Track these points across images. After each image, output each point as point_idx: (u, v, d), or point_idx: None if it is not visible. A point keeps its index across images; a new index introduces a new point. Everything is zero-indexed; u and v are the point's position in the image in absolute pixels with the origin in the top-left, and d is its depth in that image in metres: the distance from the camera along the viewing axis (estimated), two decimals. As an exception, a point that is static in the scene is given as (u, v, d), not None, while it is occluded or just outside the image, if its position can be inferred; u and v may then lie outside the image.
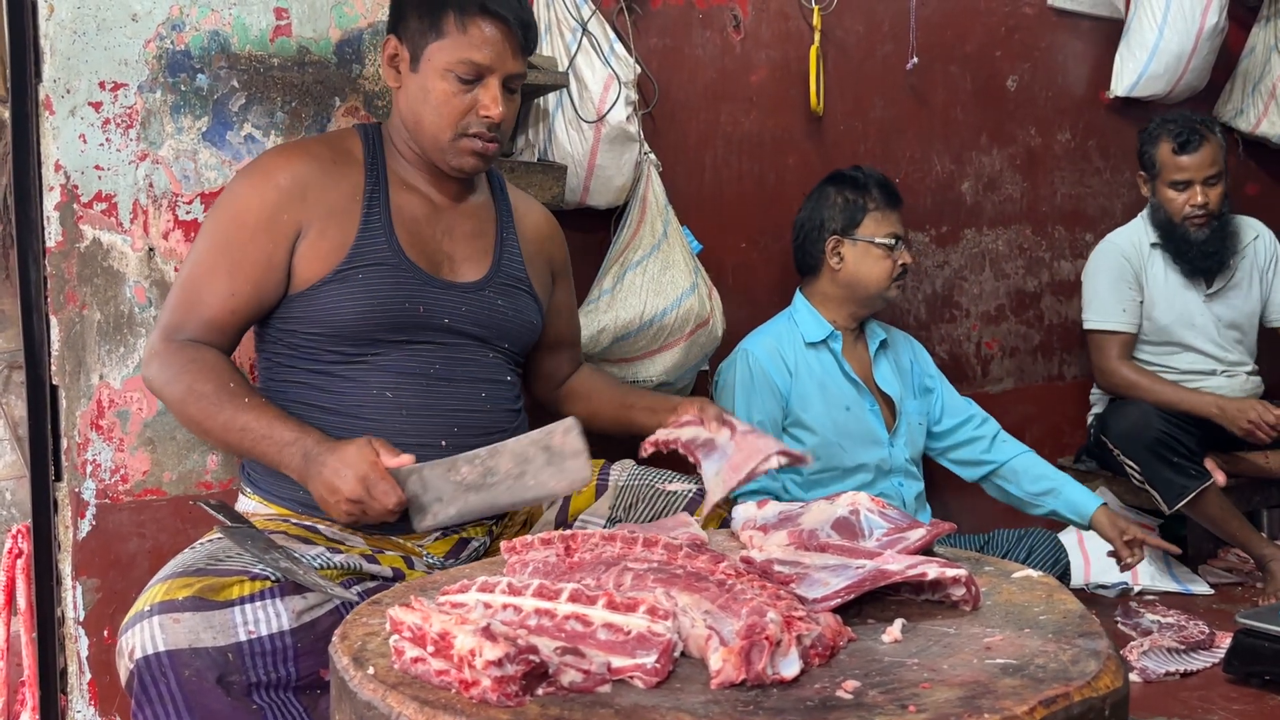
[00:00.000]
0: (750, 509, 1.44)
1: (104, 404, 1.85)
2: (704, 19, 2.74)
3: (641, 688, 0.96)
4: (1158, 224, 3.10)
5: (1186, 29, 3.27)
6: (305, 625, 1.45)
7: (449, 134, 1.67)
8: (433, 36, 1.65)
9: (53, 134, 1.80)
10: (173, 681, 1.35)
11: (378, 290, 1.64)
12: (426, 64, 1.66)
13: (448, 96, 1.65)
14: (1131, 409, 2.98)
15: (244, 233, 1.64)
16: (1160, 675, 2.38)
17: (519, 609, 1.04)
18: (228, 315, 1.64)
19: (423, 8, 1.66)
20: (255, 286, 1.64)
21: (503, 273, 1.78)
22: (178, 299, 1.66)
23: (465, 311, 1.70)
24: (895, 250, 2.51)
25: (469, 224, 1.78)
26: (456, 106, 1.66)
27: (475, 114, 1.66)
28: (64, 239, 1.82)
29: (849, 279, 2.53)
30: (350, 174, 1.70)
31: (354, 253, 1.65)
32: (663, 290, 2.39)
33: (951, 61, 3.16)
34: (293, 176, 1.66)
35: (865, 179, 2.55)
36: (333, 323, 1.64)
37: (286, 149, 1.75)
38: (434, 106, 1.66)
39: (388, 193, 1.71)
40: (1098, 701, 0.94)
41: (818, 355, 2.53)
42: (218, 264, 1.64)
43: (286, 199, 1.65)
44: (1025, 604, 1.17)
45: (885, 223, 2.52)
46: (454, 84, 1.65)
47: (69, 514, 1.83)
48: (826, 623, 1.04)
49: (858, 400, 2.54)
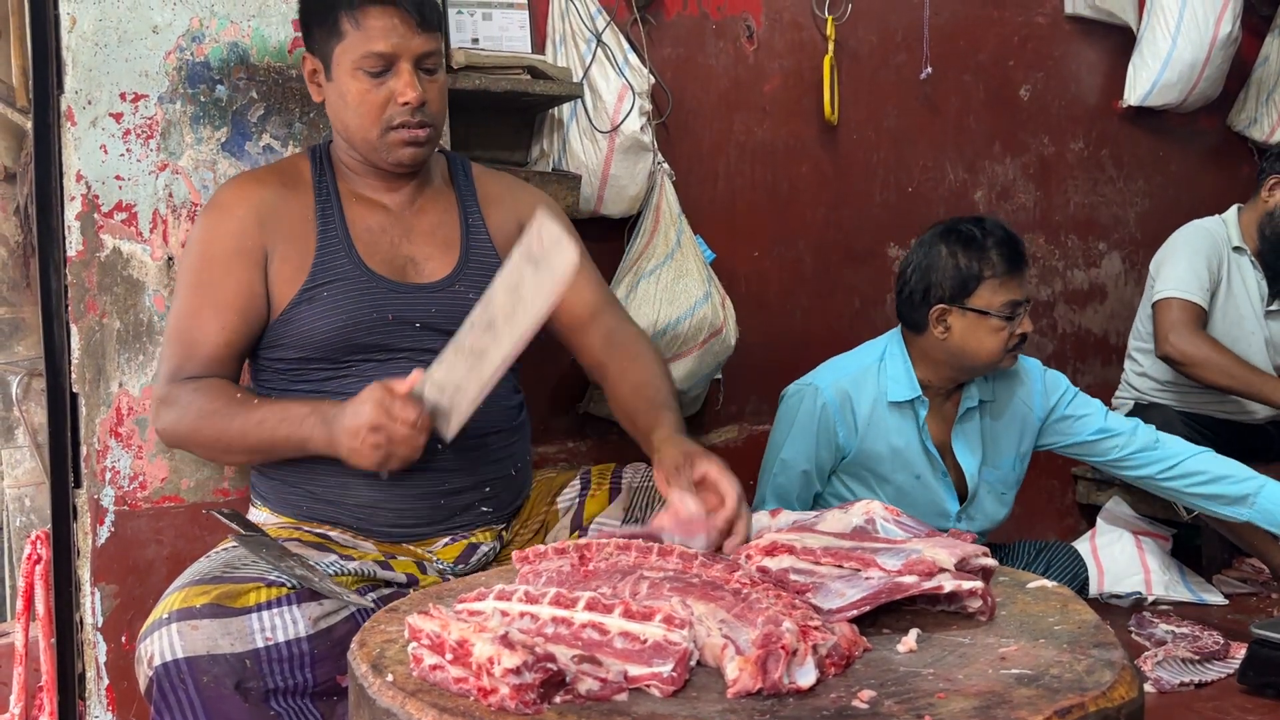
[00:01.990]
0: (763, 518, 1.44)
1: (123, 411, 1.86)
2: (718, 29, 2.75)
3: (658, 696, 0.97)
4: (1267, 230, 3.02)
5: (1200, 38, 3.27)
6: (322, 632, 1.46)
7: (375, 130, 1.66)
8: (335, 41, 1.65)
9: (74, 144, 1.82)
10: (191, 688, 1.36)
11: (344, 304, 1.65)
12: (337, 68, 1.66)
13: (363, 94, 1.65)
14: (1155, 414, 2.96)
15: (217, 268, 1.65)
16: (1175, 686, 2.38)
17: (536, 617, 1.04)
18: (224, 349, 1.65)
19: (319, 16, 1.67)
20: (242, 316, 1.65)
21: (472, 263, 1.75)
22: (172, 348, 1.66)
23: (436, 311, 1.69)
24: (1013, 321, 2.18)
25: (427, 221, 1.76)
26: (374, 101, 1.64)
27: (394, 104, 1.65)
28: (84, 248, 1.84)
29: (956, 349, 2.20)
30: (301, 196, 1.71)
31: (315, 271, 1.66)
32: (676, 299, 2.40)
33: (965, 71, 3.16)
34: (248, 205, 1.67)
35: (984, 238, 2.18)
36: (309, 343, 1.65)
37: (236, 182, 1.76)
38: (353, 107, 1.66)
39: (341, 207, 1.72)
40: (1113, 712, 0.94)
41: (900, 415, 2.26)
42: (202, 304, 1.65)
43: (247, 227, 1.66)
44: (1040, 614, 1.17)
45: (1004, 290, 2.16)
46: (365, 80, 1.64)
47: (88, 520, 1.85)
48: (842, 632, 1.04)
49: (929, 470, 2.29)
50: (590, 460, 2.55)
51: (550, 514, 1.82)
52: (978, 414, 2.33)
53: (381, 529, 1.67)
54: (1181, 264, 2.99)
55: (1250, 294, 3.08)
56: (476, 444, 1.69)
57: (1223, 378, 2.85)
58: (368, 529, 1.66)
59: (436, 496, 1.67)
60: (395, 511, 1.66)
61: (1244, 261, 3.08)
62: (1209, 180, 3.58)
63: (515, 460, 1.78)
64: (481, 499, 1.72)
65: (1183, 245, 3.04)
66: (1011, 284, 2.18)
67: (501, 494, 1.75)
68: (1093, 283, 3.47)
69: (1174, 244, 3.08)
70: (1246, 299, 3.07)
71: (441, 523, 1.69)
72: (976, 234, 2.19)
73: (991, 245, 2.18)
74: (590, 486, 1.83)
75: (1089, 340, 3.48)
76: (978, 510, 2.35)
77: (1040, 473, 3.38)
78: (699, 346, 2.43)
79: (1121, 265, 3.50)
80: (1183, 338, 2.88)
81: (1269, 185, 3.04)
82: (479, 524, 1.73)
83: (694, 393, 2.55)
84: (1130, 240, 3.51)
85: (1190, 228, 3.10)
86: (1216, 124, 3.64)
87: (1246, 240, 3.07)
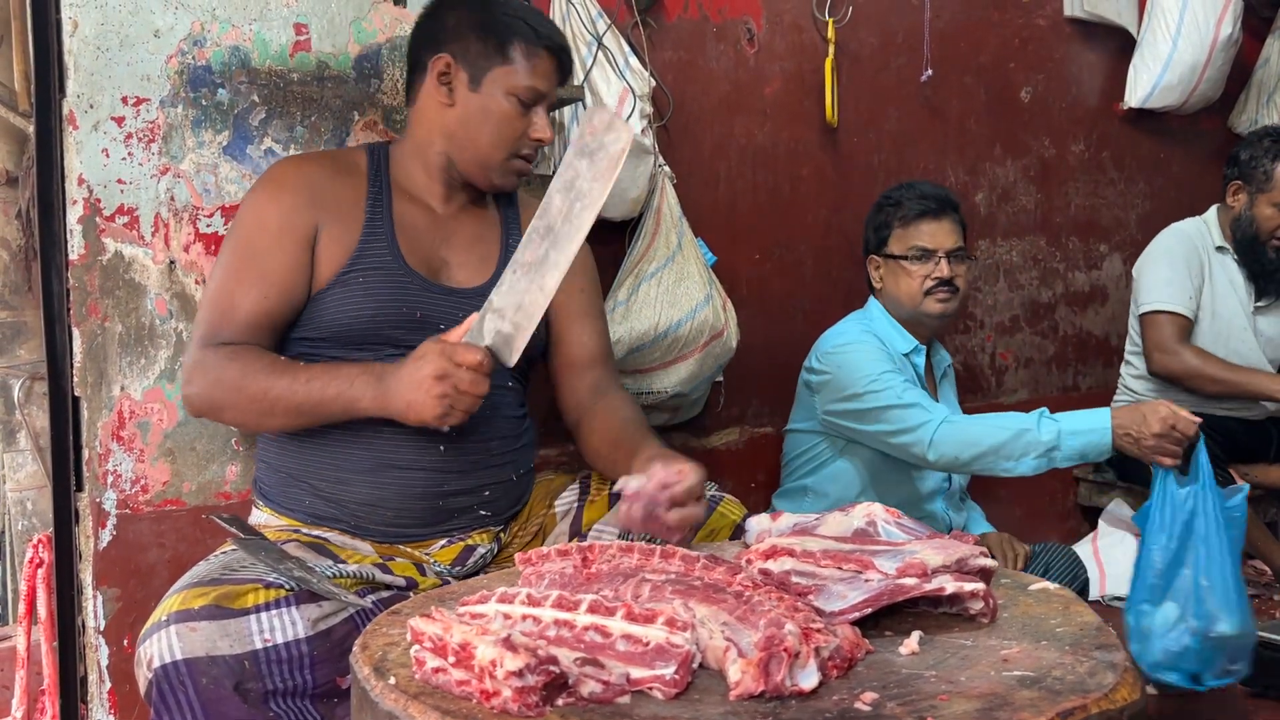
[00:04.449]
0: (764, 520, 1.44)
1: (125, 415, 1.87)
2: (718, 32, 2.75)
3: (660, 699, 0.97)
4: (1238, 233, 3.05)
5: (1200, 40, 3.27)
6: (321, 633, 1.46)
7: (503, 154, 1.74)
8: (498, 60, 1.72)
9: (76, 148, 1.82)
10: (191, 690, 1.37)
11: (377, 294, 1.67)
12: (490, 85, 1.72)
13: (510, 119, 1.73)
14: None
15: (267, 238, 1.67)
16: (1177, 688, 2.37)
17: (538, 620, 1.04)
18: (263, 316, 1.66)
19: (486, 32, 1.72)
20: (285, 290, 1.67)
21: None
22: (210, 311, 1.67)
23: (462, 317, 1.70)
24: (922, 264, 2.42)
25: (470, 231, 1.81)
26: (515, 129, 1.73)
27: (528, 137, 1.74)
28: (86, 252, 1.84)
29: (890, 298, 2.48)
30: (355, 182, 1.75)
31: (356, 257, 1.69)
32: (677, 302, 2.40)
33: (966, 73, 3.16)
34: (303, 180, 1.71)
35: (900, 193, 2.47)
36: (334, 327, 1.67)
37: (294, 158, 1.82)
38: (495, 127, 1.73)
39: (390, 201, 1.75)
40: (1115, 714, 0.94)
41: (907, 366, 2.45)
42: (246, 272, 1.66)
43: (301, 202, 1.69)
44: (1042, 616, 1.17)
45: (911, 235, 2.43)
46: (515, 107, 1.73)
47: (90, 524, 1.85)
48: (844, 635, 1.04)
49: None
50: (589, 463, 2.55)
51: (548, 518, 1.82)
52: (949, 380, 2.56)
53: (379, 528, 1.67)
54: (1162, 275, 3.04)
55: (1237, 292, 3.09)
56: (478, 447, 1.69)
57: (1212, 385, 2.92)
58: (366, 528, 1.67)
59: (435, 497, 1.68)
60: (394, 511, 1.67)
61: (1228, 261, 3.10)
62: (1210, 182, 3.57)
63: (517, 466, 1.78)
64: (480, 502, 1.72)
65: (1161, 255, 3.08)
66: (920, 229, 2.42)
67: (500, 499, 1.75)
68: (1094, 284, 3.47)
69: (1153, 253, 3.11)
70: (1234, 297, 3.08)
71: (439, 524, 1.69)
72: (896, 191, 2.47)
73: (906, 198, 2.44)
74: (589, 492, 1.83)
75: (1090, 342, 3.48)
76: None
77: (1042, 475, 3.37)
78: (700, 349, 2.43)
79: (1122, 267, 3.50)
80: (1168, 354, 2.97)
81: (1232, 190, 3.08)
82: (476, 526, 1.73)
83: (695, 395, 2.55)
84: (1131, 242, 3.51)
85: (1168, 234, 3.13)
86: (1217, 126, 3.64)
87: (1227, 239, 3.09)
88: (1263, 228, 3.01)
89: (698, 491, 1.45)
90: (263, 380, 1.59)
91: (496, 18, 1.73)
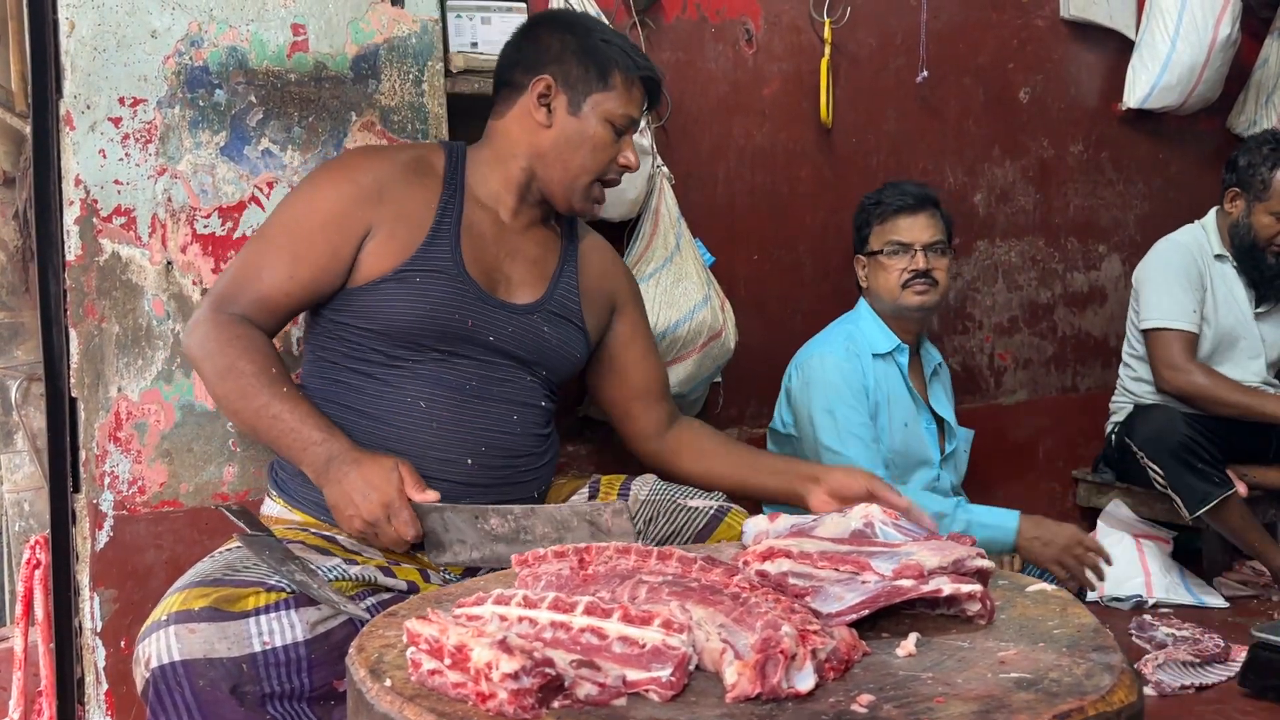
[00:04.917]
0: (761, 522, 1.44)
1: (122, 416, 1.86)
2: (716, 33, 2.75)
3: (657, 701, 0.97)
4: (1236, 240, 3.05)
5: (1199, 40, 3.27)
6: (319, 636, 1.46)
7: (591, 177, 1.78)
8: (599, 86, 1.76)
9: (73, 149, 1.82)
10: (188, 691, 1.37)
11: (433, 296, 1.68)
12: (590, 110, 1.76)
13: (605, 143, 1.77)
14: (1158, 413, 2.96)
15: (315, 220, 1.68)
16: (1175, 689, 2.37)
17: (534, 621, 1.04)
18: (282, 296, 1.67)
19: (587, 59, 1.76)
20: (314, 275, 1.68)
21: (555, 301, 1.81)
22: (236, 272, 1.69)
23: (511, 333, 1.73)
24: (898, 257, 2.48)
25: (532, 250, 1.82)
26: (607, 154, 1.78)
27: (616, 163, 1.79)
28: (83, 253, 1.84)
29: (873, 294, 2.55)
30: (428, 183, 1.76)
31: (418, 256, 1.69)
32: (676, 302, 2.40)
33: (964, 74, 3.16)
34: (374, 176, 1.72)
35: (881, 192, 2.54)
36: (384, 321, 1.67)
37: (372, 150, 1.85)
38: (590, 150, 1.76)
39: (462, 206, 1.76)
40: (1112, 715, 0.94)
41: (885, 367, 2.51)
42: (283, 246, 1.68)
43: (363, 196, 1.69)
44: (1039, 618, 1.17)
45: (888, 230, 2.50)
46: (610, 133, 1.77)
47: (87, 525, 1.85)
48: (841, 636, 1.04)
49: (915, 417, 2.52)
50: (589, 463, 2.55)
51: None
52: (940, 378, 2.61)
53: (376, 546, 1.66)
54: (1163, 291, 3.04)
55: (1238, 300, 3.09)
56: (505, 464, 1.70)
57: (1222, 408, 2.93)
58: None
59: None
60: None
61: (1226, 269, 3.09)
62: (1209, 183, 3.57)
63: (540, 484, 1.80)
64: None
65: (1160, 269, 3.08)
66: (897, 224, 2.47)
67: None
68: (1092, 285, 3.47)
69: (1152, 265, 3.11)
70: (1234, 305, 3.08)
71: None
72: (881, 191, 2.52)
73: (885, 196, 2.51)
74: (598, 496, 1.84)
75: (1089, 343, 3.48)
76: (957, 461, 2.58)
77: (1040, 475, 3.38)
78: (698, 350, 2.43)
79: (1121, 268, 3.49)
80: (1179, 372, 2.97)
81: (1229, 197, 3.08)
82: None
83: (693, 396, 2.55)
84: (1130, 243, 3.51)
85: (1166, 247, 3.13)
86: (1216, 126, 3.64)
87: (1226, 245, 3.08)
88: (1260, 235, 3.00)
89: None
90: (240, 386, 1.59)
91: (597, 44, 1.77)
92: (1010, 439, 3.31)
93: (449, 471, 1.65)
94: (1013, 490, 3.28)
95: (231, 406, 1.62)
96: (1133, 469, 3.05)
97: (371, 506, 1.50)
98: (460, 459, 1.66)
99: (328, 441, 1.56)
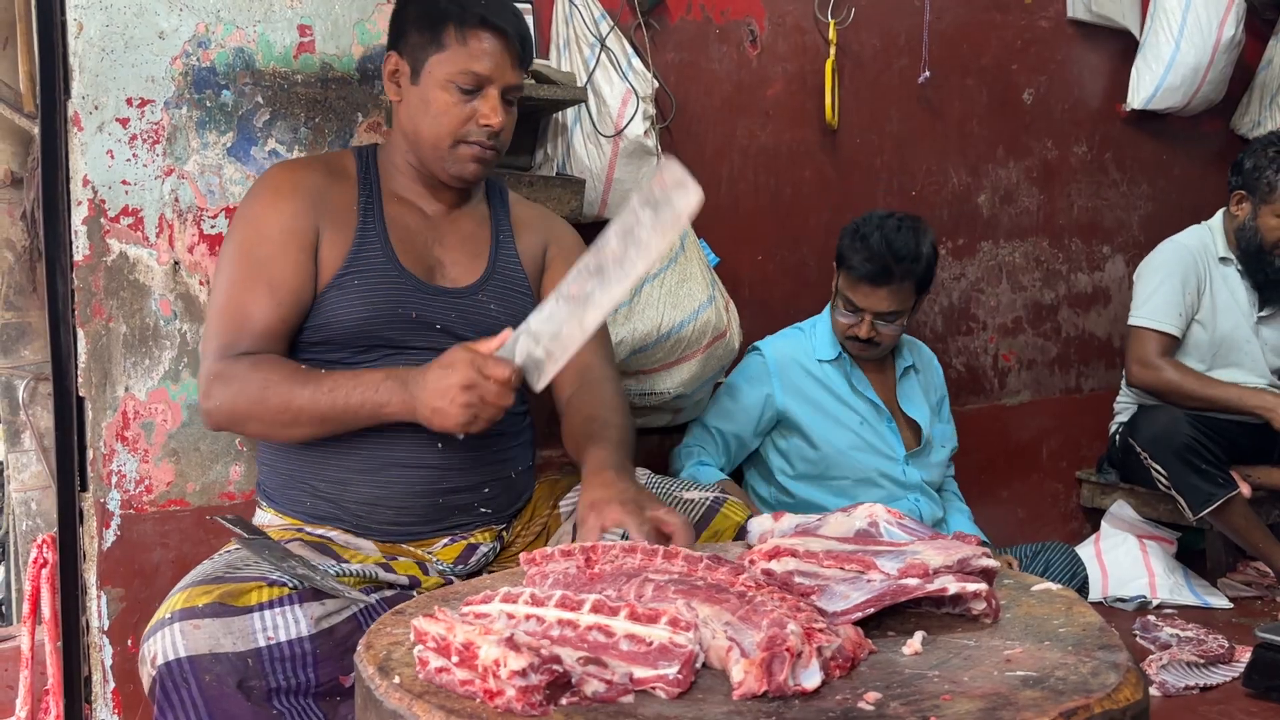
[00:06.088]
0: (766, 521, 1.44)
1: (129, 415, 1.87)
2: (721, 34, 2.76)
3: (664, 698, 0.97)
4: (1241, 243, 3.05)
5: (1203, 41, 3.27)
6: (324, 631, 1.46)
7: (448, 141, 1.70)
8: (433, 50, 1.68)
9: (81, 149, 1.83)
10: (194, 687, 1.37)
11: (373, 296, 1.67)
12: (428, 76, 1.69)
13: (448, 106, 1.68)
14: (1162, 414, 2.96)
15: (272, 246, 1.66)
16: (1179, 689, 2.37)
17: (542, 619, 1.04)
18: (278, 325, 1.66)
19: (422, 22, 1.69)
20: (294, 295, 1.66)
21: (497, 276, 1.79)
22: (222, 322, 1.64)
23: (456, 316, 1.72)
24: (849, 314, 2.48)
25: (461, 231, 1.80)
26: (457, 116, 1.68)
27: (475, 123, 1.69)
28: (91, 253, 1.84)
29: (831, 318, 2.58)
30: (345, 186, 1.74)
31: (351, 260, 1.68)
32: (680, 303, 2.40)
33: (968, 74, 3.17)
34: (302, 188, 1.70)
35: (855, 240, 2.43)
36: (332, 329, 1.67)
37: (286, 165, 1.79)
38: (434, 116, 1.69)
39: (381, 204, 1.74)
40: (1118, 714, 0.94)
41: (832, 370, 2.55)
42: (254, 281, 1.65)
43: (301, 207, 1.68)
44: (1045, 617, 1.17)
45: (847, 286, 2.46)
46: (455, 94, 1.68)
47: (94, 524, 1.85)
48: (847, 634, 1.04)
49: (875, 418, 2.54)
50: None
51: (552, 518, 1.83)
52: (916, 377, 2.61)
53: (381, 527, 1.67)
54: (1154, 290, 3.05)
55: (1240, 303, 3.08)
56: (477, 444, 1.69)
57: (1188, 401, 2.95)
58: (367, 528, 1.67)
59: (435, 495, 1.68)
60: (395, 509, 1.67)
61: (1230, 272, 3.09)
62: (1212, 184, 3.58)
63: (517, 463, 1.79)
64: (480, 500, 1.72)
65: (1160, 268, 3.08)
66: (857, 289, 2.43)
67: (500, 495, 1.75)
68: (1096, 286, 3.48)
69: (1153, 264, 3.12)
70: (1236, 309, 3.08)
71: (440, 522, 1.70)
72: (856, 237, 2.42)
73: (855, 251, 2.41)
74: None
75: (1092, 344, 3.48)
76: (932, 459, 2.59)
77: (1044, 475, 3.38)
78: (703, 350, 2.43)
79: (1125, 269, 3.50)
80: (1147, 369, 3.01)
81: (1235, 199, 3.07)
82: (478, 524, 1.73)
83: (697, 397, 2.55)
84: (1134, 244, 3.51)
85: (1169, 247, 3.12)
86: (1220, 127, 3.64)
87: (1232, 248, 3.08)
88: (1267, 238, 3.00)
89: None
90: (285, 390, 1.57)
91: (433, 7, 1.68)
92: (1014, 440, 3.32)
93: (422, 457, 1.65)
94: (1016, 490, 3.29)
95: (288, 413, 1.58)
96: (1136, 469, 3.05)
97: (461, 372, 1.48)
98: (430, 443, 1.65)
99: (390, 373, 1.56)
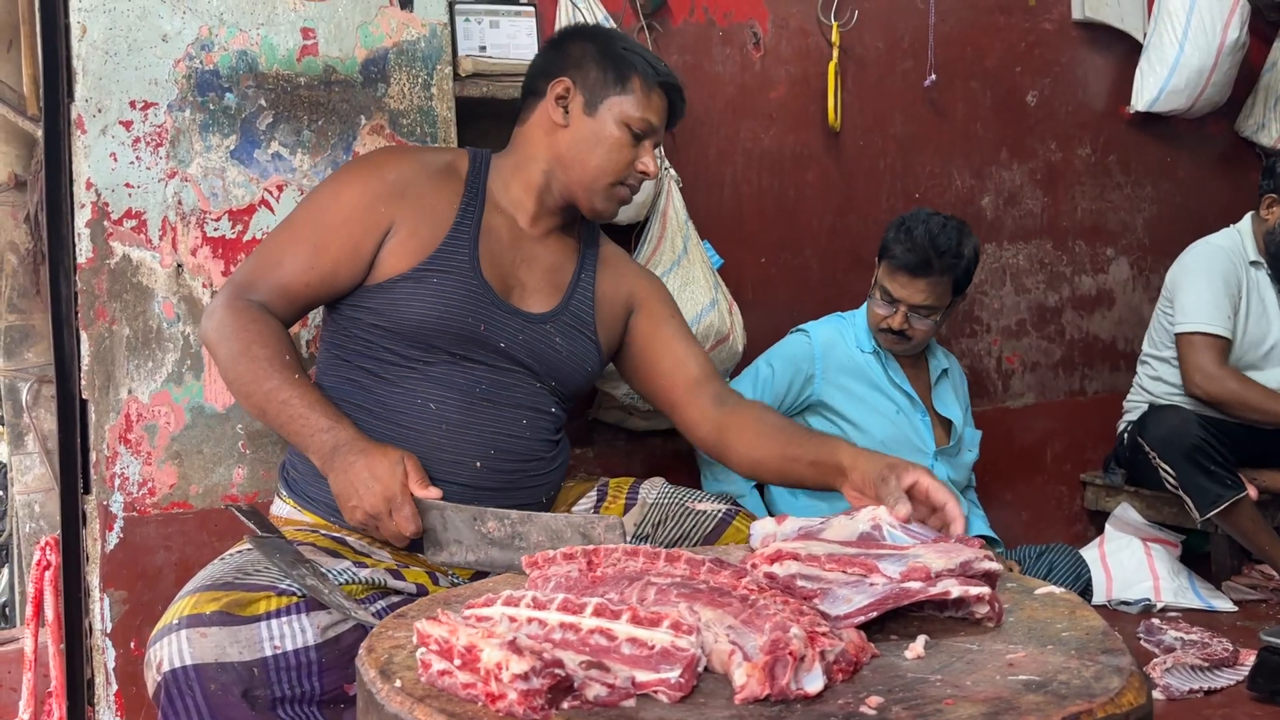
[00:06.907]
0: (769, 524, 1.44)
1: (132, 418, 1.87)
2: (724, 36, 2.76)
3: (666, 702, 0.97)
4: (1272, 247, 3.02)
5: (1207, 44, 3.26)
6: (330, 640, 1.46)
7: (609, 179, 1.78)
8: (616, 90, 1.77)
9: (84, 152, 1.83)
10: (199, 695, 1.37)
11: (447, 297, 1.69)
12: (606, 112, 1.77)
13: (620, 146, 1.77)
14: (1171, 415, 2.95)
15: (339, 214, 1.70)
16: (1183, 693, 2.37)
17: (544, 623, 1.04)
18: (301, 286, 1.69)
19: (607, 63, 1.78)
20: (334, 267, 1.69)
21: (569, 312, 1.81)
22: (257, 259, 1.71)
23: (522, 340, 1.74)
24: (885, 305, 2.51)
25: (549, 258, 1.83)
26: (624, 157, 1.78)
27: (634, 168, 1.79)
28: (94, 255, 1.85)
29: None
30: (452, 185, 1.78)
31: (435, 256, 1.70)
32: (683, 305, 2.39)
33: (972, 77, 3.16)
34: (399, 174, 1.74)
35: (902, 231, 2.48)
36: (398, 320, 1.68)
37: (400, 150, 1.88)
38: (605, 151, 1.77)
39: (482, 210, 1.77)
40: (1121, 718, 0.94)
41: (873, 360, 2.59)
42: (306, 236, 1.70)
43: (388, 193, 1.71)
44: (1048, 620, 1.17)
45: (887, 277, 2.50)
46: (627, 136, 1.77)
47: (97, 527, 1.85)
48: (850, 638, 1.04)
49: (910, 410, 2.57)
50: (598, 466, 2.55)
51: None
52: (948, 381, 2.65)
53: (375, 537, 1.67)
54: (1202, 294, 3.00)
55: (1269, 308, 3.07)
56: (515, 468, 1.71)
57: (1251, 413, 2.91)
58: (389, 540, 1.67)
59: None
60: None
61: (1261, 276, 3.08)
62: (1217, 186, 3.57)
63: (548, 489, 1.80)
64: None
65: (1202, 270, 3.04)
66: (896, 278, 2.46)
67: None
68: (1100, 289, 3.47)
69: (1191, 267, 3.07)
70: (1265, 313, 3.06)
71: None
72: (904, 228, 2.47)
73: (899, 240, 2.45)
74: (606, 499, 1.84)
75: (1097, 346, 3.47)
76: (961, 458, 2.61)
77: (1049, 478, 3.37)
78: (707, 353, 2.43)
79: (1129, 271, 3.49)
80: (1210, 379, 2.94)
81: (1266, 203, 3.05)
82: None
83: (701, 399, 2.55)
84: (1138, 246, 3.50)
85: (1206, 249, 3.08)
86: (1224, 129, 3.64)
87: (1261, 252, 3.07)
88: None
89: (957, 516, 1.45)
90: (256, 367, 1.61)
91: (618, 51, 1.79)
92: (1018, 442, 3.31)
93: (457, 473, 1.66)
94: (1020, 493, 3.28)
95: (243, 389, 1.63)
96: (1144, 469, 3.04)
97: (374, 498, 1.51)
98: (468, 461, 1.66)
99: (335, 429, 1.57)
